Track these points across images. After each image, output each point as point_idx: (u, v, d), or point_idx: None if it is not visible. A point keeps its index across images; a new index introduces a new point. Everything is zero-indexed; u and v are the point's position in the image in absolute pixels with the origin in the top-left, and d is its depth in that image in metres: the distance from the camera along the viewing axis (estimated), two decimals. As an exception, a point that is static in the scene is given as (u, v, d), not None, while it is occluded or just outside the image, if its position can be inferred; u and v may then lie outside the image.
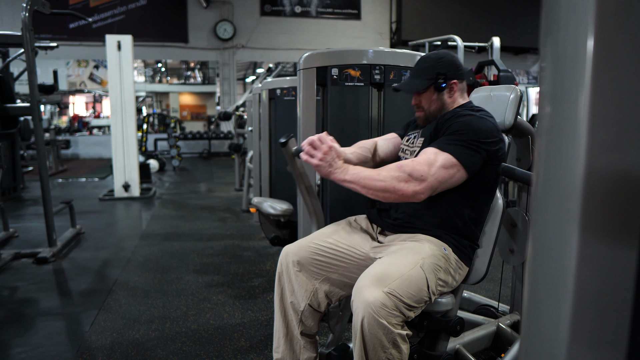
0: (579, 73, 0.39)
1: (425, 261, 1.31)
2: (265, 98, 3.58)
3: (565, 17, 0.40)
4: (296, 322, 1.50)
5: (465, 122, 1.41)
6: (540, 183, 0.44)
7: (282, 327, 1.52)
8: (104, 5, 11.48)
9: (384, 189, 1.32)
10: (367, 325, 1.18)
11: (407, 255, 1.33)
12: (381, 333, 1.18)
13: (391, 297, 1.19)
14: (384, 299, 1.18)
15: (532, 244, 0.45)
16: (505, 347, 1.71)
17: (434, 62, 1.52)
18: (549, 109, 0.42)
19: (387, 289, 1.19)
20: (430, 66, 1.52)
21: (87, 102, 18.47)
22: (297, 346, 1.52)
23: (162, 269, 3.25)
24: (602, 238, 0.40)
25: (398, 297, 1.20)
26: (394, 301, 1.19)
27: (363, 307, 1.18)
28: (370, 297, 1.18)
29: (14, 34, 4.03)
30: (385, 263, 1.30)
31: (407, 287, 1.22)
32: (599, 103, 0.38)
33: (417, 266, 1.28)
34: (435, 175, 1.33)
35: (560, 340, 0.42)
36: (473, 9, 11.85)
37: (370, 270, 1.28)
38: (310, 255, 1.49)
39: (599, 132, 0.39)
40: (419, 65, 1.56)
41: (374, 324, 1.17)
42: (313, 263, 1.49)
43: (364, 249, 1.51)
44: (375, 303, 1.17)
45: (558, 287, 0.42)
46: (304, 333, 1.51)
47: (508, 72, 4.20)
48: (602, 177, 0.39)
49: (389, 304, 1.18)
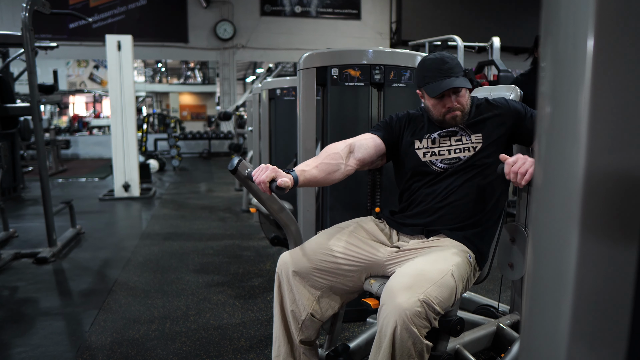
0: (579, 73, 0.39)
1: (454, 269, 1.29)
2: (265, 98, 3.58)
3: (565, 17, 0.40)
4: (296, 331, 1.48)
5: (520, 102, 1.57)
6: (540, 183, 0.44)
7: (282, 336, 1.50)
8: (104, 5, 11.47)
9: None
10: (400, 333, 1.13)
11: (438, 262, 1.29)
12: (411, 342, 1.14)
13: (425, 305, 1.15)
14: (419, 306, 1.14)
15: (532, 244, 0.45)
16: (505, 347, 1.71)
17: (457, 60, 1.54)
18: (549, 109, 0.42)
19: (423, 296, 1.15)
20: (458, 64, 1.53)
21: (87, 102, 18.47)
22: (297, 353, 1.50)
23: (162, 269, 3.25)
24: (602, 238, 0.40)
25: (431, 304, 1.16)
26: (427, 309, 1.16)
27: (397, 312, 1.13)
28: (405, 303, 1.14)
29: (14, 34, 4.03)
30: (415, 270, 1.26)
31: (439, 294, 1.19)
32: (599, 103, 0.38)
33: (448, 273, 1.25)
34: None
35: (560, 340, 0.42)
36: (473, 9, 11.85)
37: (401, 277, 1.24)
38: (312, 265, 1.45)
39: (599, 132, 0.39)
40: (449, 66, 1.50)
41: (405, 332, 1.13)
42: (315, 273, 1.45)
43: (374, 255, 1.48)
44: (411, 310, 1.13)
45: (558, 287, 0.42)
46: (304, 341, 1.49)
47: (508, 72, 4.20)
48: (602, 177, 0.39)
49: (422, 311, 1.14)
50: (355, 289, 1.51)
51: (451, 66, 1.51)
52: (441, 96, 1.50)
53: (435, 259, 1.31)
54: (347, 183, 2.15)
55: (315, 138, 2.15)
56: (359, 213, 1.92)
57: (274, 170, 1.32)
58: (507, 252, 1.63)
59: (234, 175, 1.40)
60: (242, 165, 1.38)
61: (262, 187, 1.31)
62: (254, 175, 1.33)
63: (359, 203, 2.19)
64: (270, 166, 1.32)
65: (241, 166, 1.38)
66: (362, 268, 1.47)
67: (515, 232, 1.61)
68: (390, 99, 2.15)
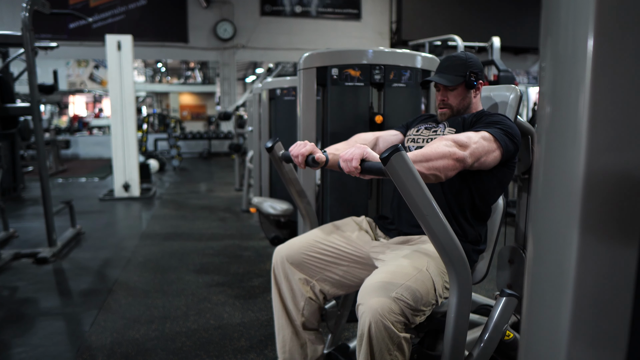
0: (579, 73, 0.39)
1: (430, 264, 1.31)
2: (265, 98, 3.58)
3: (565, 17, 0.40)
4: (299, 319, 1.52)
5: (501, 118, 1.45)
6: (540, 183, 0.44)
7: (286, 326, 1.53)
8: (104, 5, 11.47)
9: (442, 154, 1.26)
10: (375, 330, 1.17)
11: (412, 259, 1.32)
12: (387, 337, 1.18)
13: (398, 302, 1.18)
14: (391, 304, 1.17)
15: (532, 244, 0.45)
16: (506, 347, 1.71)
17: (464, 60, 1.54)
18: (549, 109, 0.42)
19: (394, 294, 1.19)
20: (462, 64, 1.54)
21: (87, 102, 18.47)
22: (304, 341, 1.53)
23: (162, 269, 3.25)
24: (602, 238, 0.39)
25: (405, 301, 1.19)
26: (401, 306, 1.18)
27: (370, 313, 1.17)
28: (377, 303, 1.17)
29: (14, 34, 4.03)
30: (390, 268, 1.30)
31: (414, 291, 1.21)
32: (599, 103, 0.38)
33: (423, 269, 1.28)
34: (477, 143, 1.32)
35: (560, 339, 0.42)
36: (473, 9, 11.84)
37: (376, 275, 1.27)
38: (305, 252, 1.50)
39: (599, 132, 0.39)
40: (449, 62, 1.57)
41: (381, 329, 1.17)
42: (308, 261, 1.50)
43: (364, 249, 1.52)
44: (383, 308, 1.17)
45: (558, 287, 0.42)
46: (308, 327, 1.53)
47: (508, 72, 4.20)
48: (602, 177, 0.39)
49: (396, 308, 1.18)
50: (349, 282, 1.53)
51: (449, 64, 1.56)
52: (437, 90, 1.59)
53: (410, 257, 1.34)
54: (347, 183, 2.15)
55: (315, 138, 2.15)
56: (358, 213, 1.92)
57: (312, 146, 1.40)
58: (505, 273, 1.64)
59: (269, 153, 1.51)
60: (278, 146, 1.51)
61: (299, 159, 1.38)
62: (291, 151, 1.41)
63: (359, 203, 2.18)
64: (309, 143, 1.41)
65: (277, 146, 1.51)
66: (357, 260, 1.51)
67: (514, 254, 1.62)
68: (390, 99, 2.15)
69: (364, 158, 1.14)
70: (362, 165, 1.15)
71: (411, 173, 1.02)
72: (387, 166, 1.01)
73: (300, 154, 1.38)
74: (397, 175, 1.02)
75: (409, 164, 1.01)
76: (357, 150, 1.15)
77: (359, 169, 1.15)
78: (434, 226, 1.07)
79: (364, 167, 1.15)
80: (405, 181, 1.02)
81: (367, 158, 1.14)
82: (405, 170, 1.01)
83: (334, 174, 2.14)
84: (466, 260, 1.14)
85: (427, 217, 1.06)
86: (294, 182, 1.63)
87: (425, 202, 1.05)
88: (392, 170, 1.01)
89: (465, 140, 1.32)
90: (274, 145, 1.50)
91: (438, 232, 1.08)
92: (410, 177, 1.02)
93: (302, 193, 1.68)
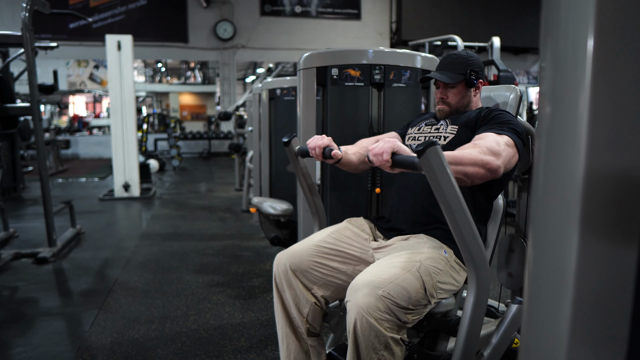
0: (579, 73, 0.39)
1: (422, 264, 1.30)
2: (265, 98, 3.58)
3: (565, 17, 0.40)
4: (303, 326, 1.49)
5: (510, 116, 1.44)
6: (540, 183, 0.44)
7: (289, 333, 1.51)
8: (104, 5, 11.47)
9: (474, 161, 1.23)
10: (360, 327, 1.17)
11: (404, 258, 1.32)
12: (373, 335, 1.17)
13: (384, 300, 1.18)
14: (377, 301, 1.17)
15: (532, 244, 0.45)
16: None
17: (465, 59, 1.55)
18: (549, 109, 0.42)
19: (381, 292, 1.18)
20: (462, 62, 1.54)
21: (87, 102, 18.46)
22: (307, 348, 1.51)
23: (162, 269, 3.25)
24: (602, 238, 0.40)
25: (392, 299, 1.19)
26: (387, 304, 1.18)
27: (356, 309, 1.18)
28: (363, 299, 1.17)
29: (14, 34, 4.03)
30: (381, 266, 1.30)
31: (402, 290, 1.21)
32: (599, 103, 0.38)
33: (413, 269, 1.27)
34: (505, 151, 1.30)
35: (560, 339, 0.42)
36: (473, 9, 11.85)
37: (365, 272, 1.27)
38: (309, 259, 1.48)
39: (599, 132, 0.39)
40: (450, 60, 1.57)
41: (366, 326, 1.17)
42: (313, 267, 1.47)
43: (365, 251, 1.51)
44: (369, 305, 1.17)
45: (558, 287, 0.42)
46: (312, 333, 1.51)
47: (508, 72, 4.20)
48: (602, 177, 0.39)
49: (382, 306, 1.17)
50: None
51: (450, 62, 1.57)
52: (437, 87, 1.60)
53: (402, 256, 1.33)
54: (347, 183, 2.15)
55: (315, 138, 2.15)
56: (358, 213, 1.92)
57: (330, 140, 1.45)
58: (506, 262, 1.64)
59: (285, 147, 1.57)
60: (294, 140, 1.57)
61: (316, 151, 1.43)
62: (308, 143, 1.45)
63: (359, 203, 2.18)
64: (326, 136, 1.46)
65: (294, 141, 1.57)
66: (352, 262, 1.50)
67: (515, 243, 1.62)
68: (390, 99, 2.15)
69: (394, 151, 1.13)
70: (393, 158, 1.13)
71: (444, 169, 1.02)
72: (421, 159, 1.01)
73: (317, 146, 1.43)
74: (430, 169, 1.02)
75: (443, 159, 1.02)
76: (388, 144, 1.14)
77: (390, 162, 1.13)
78: (460, 224, 1.08)
79: (395, 160, 1.13)
80: (439, 176, 1.02)
81: (398, 151, 1.14)
82: (439, 165, 1.01)
83: (333, 174, 2.14)
84: (487, 260, 1.14)
85: (456, 214, 1.07)
86: (306, 177, 1.67)
87: (455, 200, 1.05)
88: (426, 164, 1.01)
89: (497, 148, 1.28)
90: (290, 139, 1.57)
91: (463, 230, 1.09)
92: (443, 173, 1.02)
93: (312, 188, 1.71)
